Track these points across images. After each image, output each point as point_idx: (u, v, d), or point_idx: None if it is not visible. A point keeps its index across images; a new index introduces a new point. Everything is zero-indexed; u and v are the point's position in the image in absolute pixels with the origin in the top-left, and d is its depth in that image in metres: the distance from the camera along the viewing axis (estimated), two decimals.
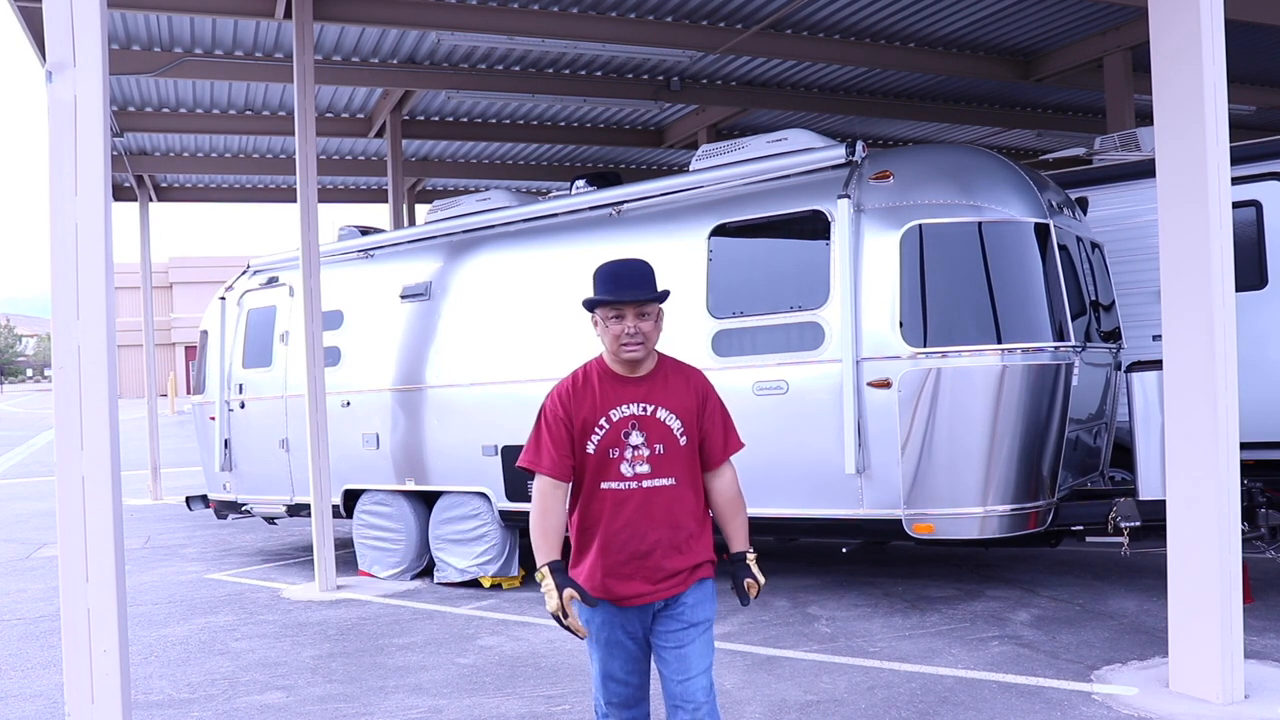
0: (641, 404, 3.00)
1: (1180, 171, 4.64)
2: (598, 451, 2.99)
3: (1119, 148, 7.96)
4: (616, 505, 2.97)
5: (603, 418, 2.99)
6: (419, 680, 5.38)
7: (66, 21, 3.10)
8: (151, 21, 9.52)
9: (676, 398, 3.02)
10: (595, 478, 3.00)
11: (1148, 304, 7.26)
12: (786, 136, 6.66)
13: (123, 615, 3.17)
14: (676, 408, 3.01)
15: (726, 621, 6.36)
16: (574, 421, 3.00)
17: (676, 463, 2.99)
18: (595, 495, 3.00)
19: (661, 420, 2.99)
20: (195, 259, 55.66)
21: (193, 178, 16.37)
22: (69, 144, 3.10)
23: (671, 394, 3.02)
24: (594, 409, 3.00)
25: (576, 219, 7.39)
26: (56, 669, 5.72)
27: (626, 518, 2.97)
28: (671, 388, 3.04)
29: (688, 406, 3.02)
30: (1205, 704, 4.47)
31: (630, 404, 3.00)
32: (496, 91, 11.65)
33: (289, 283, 8.87)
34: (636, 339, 2.95)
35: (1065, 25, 10.75)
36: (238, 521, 11.36)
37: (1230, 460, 4.57)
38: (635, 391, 3.01)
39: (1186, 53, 4.59)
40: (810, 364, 6.07)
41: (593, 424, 2.99)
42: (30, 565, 9.34)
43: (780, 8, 9.69)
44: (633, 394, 3.01)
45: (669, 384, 3.04)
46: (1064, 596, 6.60)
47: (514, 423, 7.30)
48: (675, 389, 3.04)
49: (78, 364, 3.10)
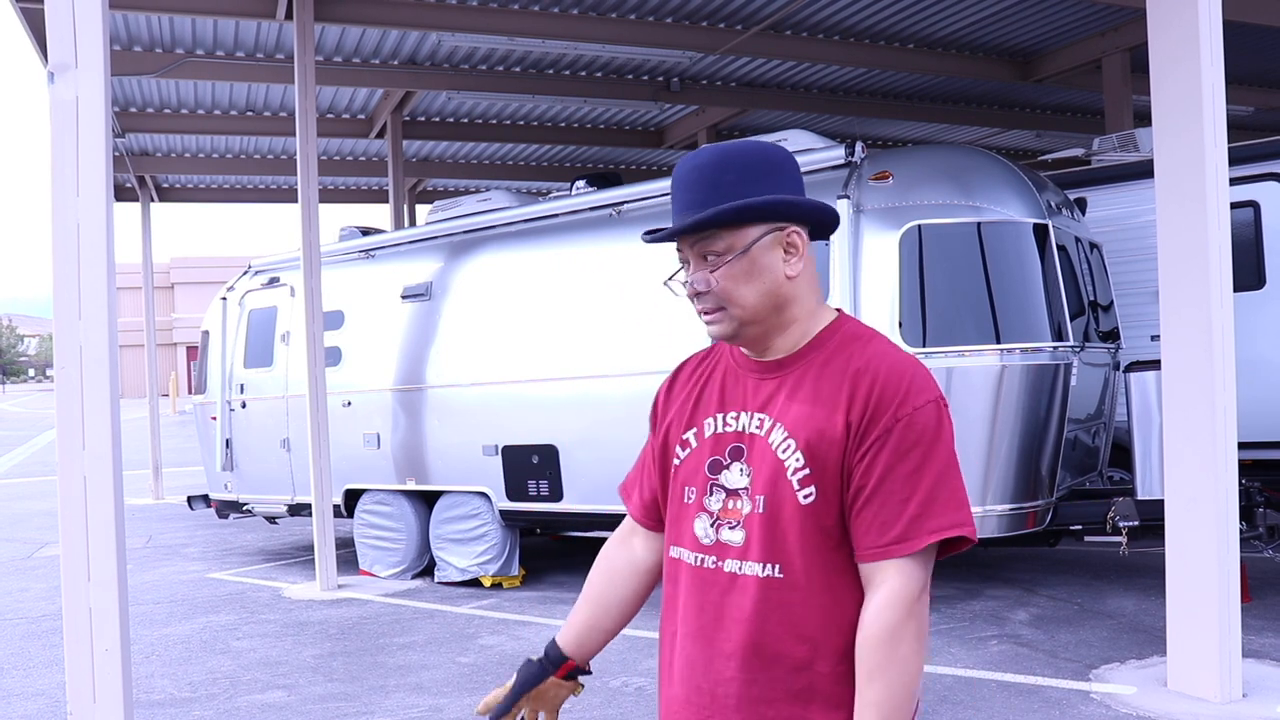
0: (758, 413, 1.57)
1: (1178, 172, 4.65)
2: (673, 489, 1.67)
3: (1117, 148, 7.97)
4: (681, 592, 1.63)
5: (691, 429, 1.65)
6: (420, 679, 5.40)
7: (68, 22, 3.11)
8: (153, 22, 9.53)
9: (812, 406, 1.51)
10: (669, 534, 1.68)
11: (1146, 304, 7.27)
12: (786, 137, 6.67)
13: (124, 614, 3.18)
14: (804, 427, 1.50)
15: None
16: (659, 428, 1.73)
17: (788, 535, 1.49)
18: (668, 565, 1.69)
19: (774, 449, 1.53)
20: (196, 259, 55.67)
21: (194, 178, 16.38)
22: (71, 144, 3.11)
23: (808, 398, 1.52)
24: (683, 411, 1.68)
25: (577, 219, 7.40)
26: (58, 668, 5.73)
27: (691, 621, 1.61)
28: (819, 386, 1.53)
29: (827, 426, 1.48)
30: (1203, 703, 4.48)
31: (739, 411, 1.60)
32: (497, 92, 11.66)
33: (290, 283, 8.89)
34: (705, 302, 1.59)
35: (1064, 26, 10.75)
36: (239, 521, 11.38)
37: (1228, 460, 4.58)
38: (757, 391, 1.60)
39: (1185, 54, 4.61)
40: None
41: (676, 438, 1.68)
42: (32, 564, 9.36)
43: (780, 8, 9.70)
44: (752, 394, 1.60)
45: (820, 379, 1.53)
46: (1063, 596, 6.61)
47: (514, 423, 7.33)
48: (824, 388, 1.52)
49: (79, 364, 3.11)
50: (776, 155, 1.57)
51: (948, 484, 1.46)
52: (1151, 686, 4.75)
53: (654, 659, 5.59)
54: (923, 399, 1.48)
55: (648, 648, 5.81)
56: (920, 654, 1.44)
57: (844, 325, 1.59)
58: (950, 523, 1.45)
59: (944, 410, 1.50)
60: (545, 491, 7.21)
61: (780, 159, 1.57)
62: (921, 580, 1.46)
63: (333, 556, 7.78)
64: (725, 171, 1.54)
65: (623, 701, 4.90)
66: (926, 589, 1.47)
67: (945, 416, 1.50)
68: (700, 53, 10.44)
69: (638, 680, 5.22)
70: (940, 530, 1.44)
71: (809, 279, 1.59)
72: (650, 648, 5.82)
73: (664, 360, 6.63)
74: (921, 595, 1.46)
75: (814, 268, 1.61)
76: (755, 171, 1.54)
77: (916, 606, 1.44)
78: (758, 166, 1.54)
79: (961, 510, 1.47)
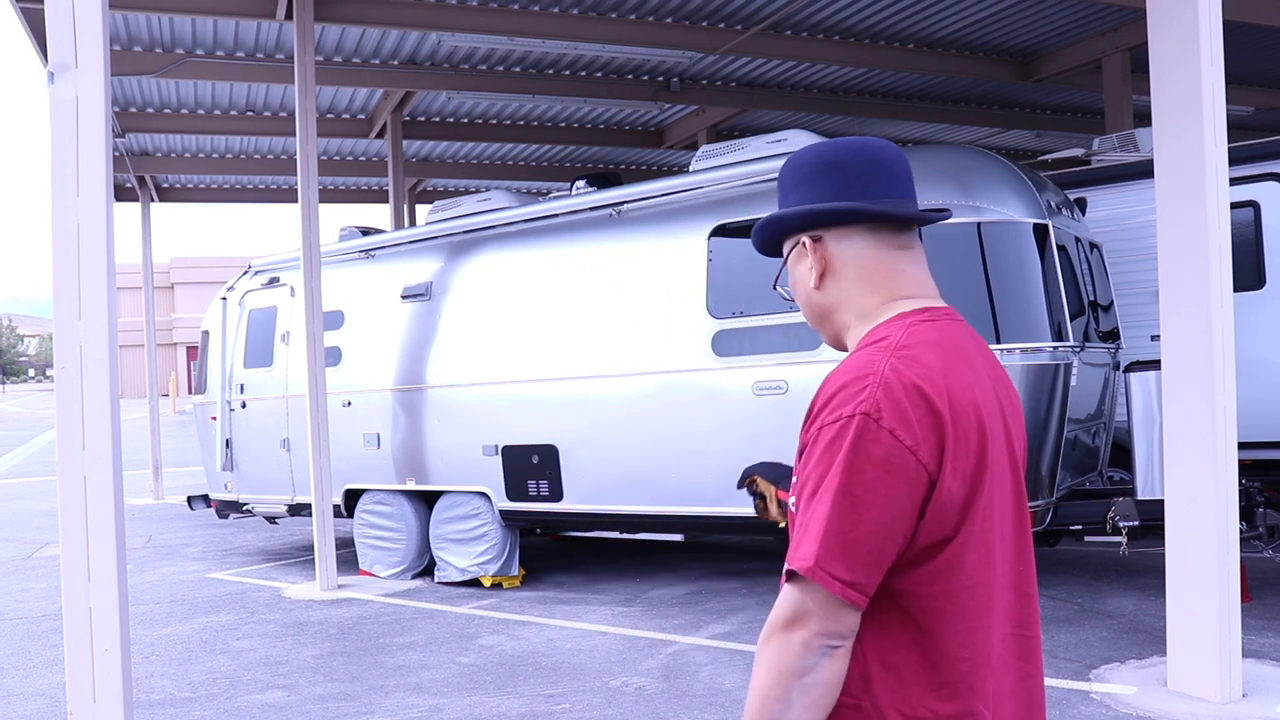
0: None
1: (1178, 172, 4.65)
2: None
3: (1117, 148, 7.97)
4: None
5: None
6: (420, 679, 5.40)
7: (68, 22, 3.11)
8: (153, 22, 9.54)
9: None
10: None
11: (1146, 304, 7.27)
12: (786, 137, 6.68)
13: (124, 614, 3.18)
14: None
15: (726, 621, 6.37)
16: None
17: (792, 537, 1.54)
18: None
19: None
20: (197, 259, 55.68)
21: (194, 178, 16.39)
22: (71, 144, 3.11)
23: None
24: None
25: (577, 219, 7.40)
26: (59, 668, 5.73)
27: None
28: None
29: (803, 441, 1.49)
30: (1203, 703, 4.48)
31: None
32: (497, 92, 11.66)
33: (290, 283, 8.89)
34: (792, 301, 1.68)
35: (1064, 26, 10.76)
36: (239, 521, 11.38)
37: (1228, 460, 4.58)
38: None
39: (1184, 53, 4.61)
40: (810, 364, 6.09)
41: None
42: (32, 564, 9.36)
43: (780, 8, 9.70)
44: None
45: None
46: (1062, 596, 6.61)
47: (514, 423, 7.33)
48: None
49: (80, 364, 3.11)
50: (808, 160, 1.55)
51: (817, 514, 1.31)
52: (1151, 686, 4.75)
53: (654, 659, 5.59)
54: (837, 414, 1.34)
55: (648, 648, 5.82)
56: (774, 688, 1.30)
57: (877, 330, 1.48)
58: (799, 555, 1.31)
59: (854, 427, 1.31)
60: (545, 491, 7.22)
61: (810, 163, 1.54)
62: (787, 614, 1.31)
63: (333, 556, 7.78)
64: (778, 187, 1.60)
65: (623, 701, 4.90)
66: (800, 628, 1.30)
67: (853, 434, 1.31)
68: (700, 53, 10.44)
69: (638, 680, 5.22)
70: (793, 561, 1.31)
71: (847, 285, 1.52)
72: (650, 648, 5.83)
73: (664, 360, 6.66)
74: (787, 630, 1.30)
75: (860, 270, 1.51)
76: (788, 183, 1.57)
77: (776, 639, 1.31)
78: (790, 177, 1.57)
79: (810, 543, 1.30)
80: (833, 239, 1.51)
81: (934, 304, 1.50)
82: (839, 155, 1.52)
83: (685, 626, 6.27)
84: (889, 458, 1.30)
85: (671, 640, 5.96)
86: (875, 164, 1.52)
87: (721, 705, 4.79)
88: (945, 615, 1.35)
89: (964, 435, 1.35)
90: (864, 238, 1.50)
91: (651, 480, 6.75)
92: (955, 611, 1.35)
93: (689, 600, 7.00)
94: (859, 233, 1.50)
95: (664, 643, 5.92)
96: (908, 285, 1.51)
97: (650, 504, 6.80)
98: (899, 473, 1.30)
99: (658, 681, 5.19)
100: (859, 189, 1.50)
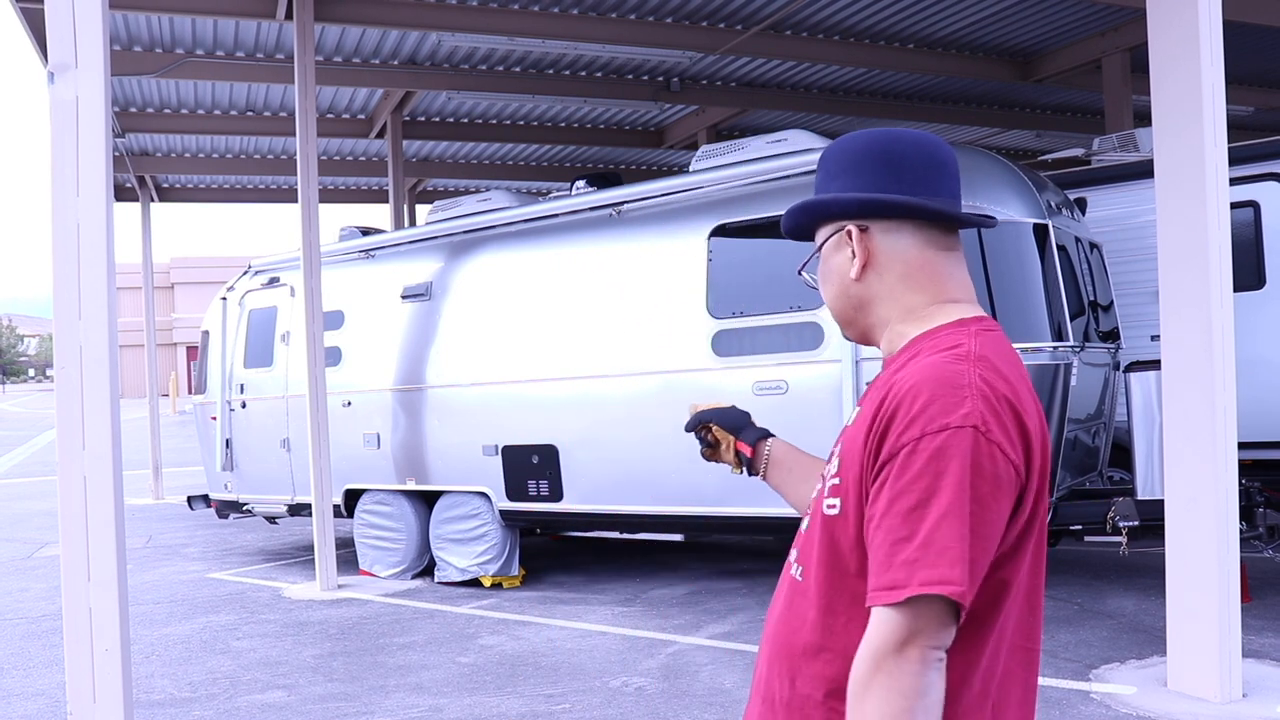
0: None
1: (1178, 172, 4.66)
2: None
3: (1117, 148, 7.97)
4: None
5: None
6: (420, 679, 5.40)
7: (68, 22, 3.11)
8: (153, 22, 9.54)
9: (863, 413, 1.44)
10: None
11: (1146, 304, 7.27)
12: (786, 137, 6.68)
13: (124, 614, 3.18)
14: (848, 434, 1.46)
15: (726, 621, 6.37)
16: None
17: (814, 541, 1.46)
18: None
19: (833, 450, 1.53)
20: (197, 259, 55.68)
21: (194, 178, 16.39)
22: (71, 144, 3.11)
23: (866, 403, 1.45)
24: None
25: (577, 219, 7.40)
26: (59, 668, 5.73)
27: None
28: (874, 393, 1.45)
29: (856, 438, 1.41)
30: (1203, 703, 4.49)
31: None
32: (497, 92, 11.66)
33: (290, 283, 8.89)
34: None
35: (1064, 26, 10.76)
36: (239, 521, 11.38)
37: (1228, 460, 4.58)
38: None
39: (1184, 53, 4.61)
40: (810, 364, 6.09)
41: None
42: (32, 564, 9.36)
43: (780, 8, 9.70)
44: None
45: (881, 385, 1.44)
46: (1062, 596, 6.61)
47: (514, 423, 7.33)
48: (874, 396, 1.43)
49: (79, 364, 3.11)
50: (860, 146, 1.49)
51: (943, 531, 1.24)
52: (1151, 686, 4.75)
53: (654, 659, 5.59)
54: (936, 425, 1.27)
55: (648, 647, 5.82)
56: (902, 715, 1.24)
57: (939, 333, 1.42)
58: (935, 578, 1.24)
59: (964, 440, 1.26)
60: (545, 491, 7.22)
61: (862, 150, 1.48)
62: (901, 634, 1.25)
63: (333, 556, 7.78)
64: (819, 169, 1.54)
65: (623, 701, 4.90)
66: (914, 645, 1.25)
67: (963, 448, 1.26)
68: (700, 53, 10.44)
69: (638, 680, 5.22)
70: (926, 584, 1.24)
71: (891, 281, 1.47)
72: (650, 647, 5.82)
73: (664, 360, 6.66)
74: (901, 651, 1.25)
75: (905, 267, 1.46)
76: (835, 166, 1.51)
77: (890, 663, 1.25)
78: (837, 161, 1.51)
79: (950, 566, 1.24)
80: (880, 231, 1.46)
81: (982, 313, 1.47)
82: (894, 146, 1.47)
83: (685, 626, 6.27)
84: (999, 473, 1.27)
85: (671, 640, 5.96)
86: (930, 160, 1.47)
87: (721, 705, 4.79)
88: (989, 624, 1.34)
89: (1037, 451, 1.35)
90: (913, 234, 1.46)
91: (651, 480, 6.75)
92: (996, 620, 1.34)
93: (689, 600, 7.00)
94: (909, 228, 1.46)
95: (664, 643, 5.92)
96: (953, 288, 1.47)
97: (650, 504, 6.80)
98: (1005, 487, 1.28)
99: (658, 681, 5.19)
100: (910, 183, 1.45)
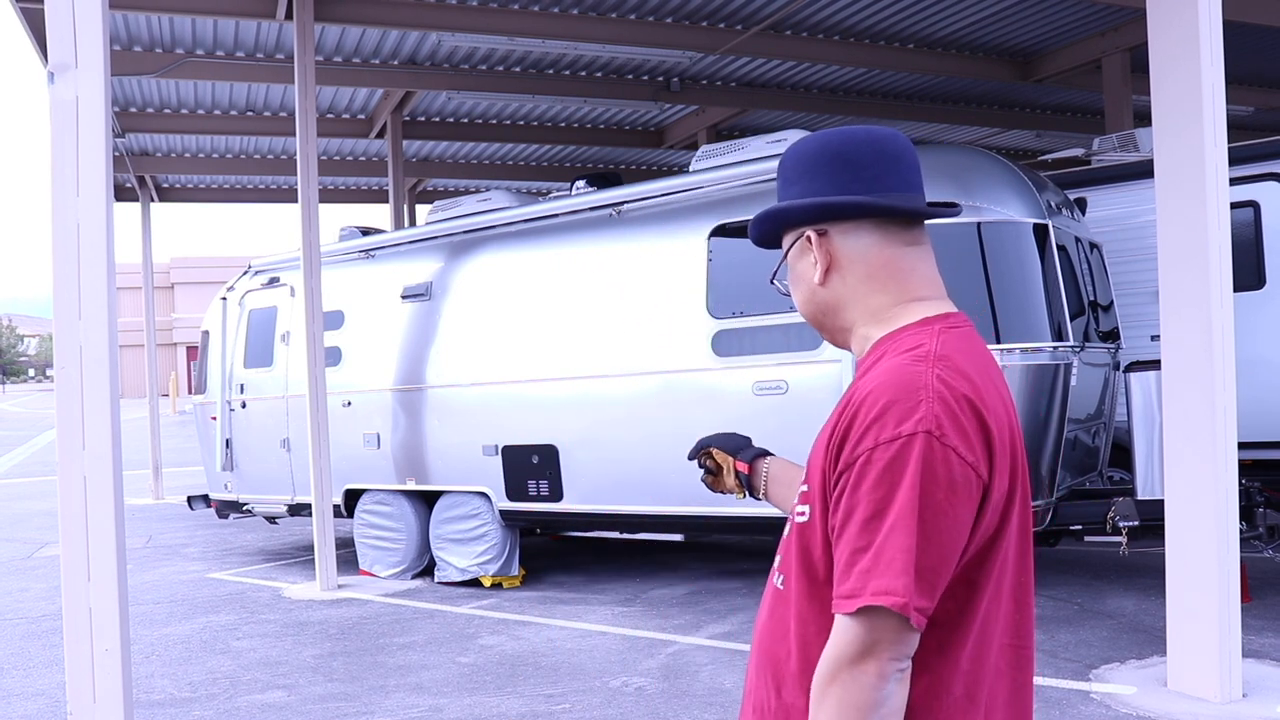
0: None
1: (1178, 172, 4.66)
2: None
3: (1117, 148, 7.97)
4: None
5: None
6: (420, 679, 5.40)
7: (68, 22, 3.11)
8: (153, 22, 9.54)
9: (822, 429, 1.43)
10: None
11: (1146, 304, 7.27)
12: (786, 137, 6.68)
13: (124, 614, 3.18)
14: (812, 450, 1.44)
15: (726, 621, 6.38)
16: None
17: (791, 549, 1.45)
18: None
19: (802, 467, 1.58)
20: (196, 259, 55.68)
21: (194, 178, 16.39)
22: (71, 144, 3.11)
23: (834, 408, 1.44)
24: None
25: (577, 219, 7.40)
26: (59, 668, 5.73)
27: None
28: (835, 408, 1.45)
29: (820, 445, 1.40)
30: (1203, 703, 4.49)
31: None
32: (497, 92, 11.66)
33: (290, 283, 8.89)
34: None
35: (1064, 26, 10.76)
36: (239, 521, 11.38)
37: (1228, 460, 4.58)
38: None
39: (1184, 53, 4.61)
40: (810, 364, 6.09)
41: None
42: (32, 564, 9.36)
43: (780, 8, 9.70)
44: None
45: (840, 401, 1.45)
46: (1062, 596, 6.61)
47: (514, 423, 7.33)
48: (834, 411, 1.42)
49: (79, 364, 3.11)
50: (813, 150, 1.47)
51: (891, 542, 1.22)
52: (1151, 686, 4.75)
53: (654, 659, 5.59)
54: (888, 434, 1.25)
55: (648, 648, 5.82)
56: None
57: (902, 334, 1.40)
58: (883, 588, 1.21)
59: (917, 448, 1.23)
60: (545, 491, 7.22)
61: (815, 153, 1.46)
62: (858, 645, 1.23)
63: (333, 556, 7.78)
64: (778, 176, 1.53)
65: (623, 701, 4.90)
66: (872, 658, 1.23)
67: (917, 455, 1.23)
68: (700, 53, 10.44)
69: (638, 680, 5.22)
70: (876, 595, 1.21)
71: (854, 283, 1.45)
72: (650, 647, 5.83)
73: (664, 360, 6.66)
74: (858, 664, 1.23)
75: (868, 267, 1.44)
76: (791, 173, 1.49)
77: (845, 675, 1.24)
78: (793, 167, 1.49)
79: (895, 577, 1.21)
80: (839, 233, 1.44)
81: (950, 308, 1.44)
82: (846, 145, 1.45)
83: (685, 626, 6.27)
84: (955, 477, 1.24)
85: (671, 640, 5.96)
86: (884, 155, 1.44)
87: (721, 705, 4.79)
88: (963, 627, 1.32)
89: (1004, 449, 1.31)
90: (872, 233, 1.43)
91: (651, 480, 6.75)
92: (970, 623, 1.32)
93: (689, 600, 7.00)
94: (867, 227, 1.43)
95: (664, 643, 5.92)
96: (919, 285, 1.44)
97: (650, 504, 6.80)
98: (963, 491, 1.25)
99: (658, 681, 5.19)
100: (867, 181, 1.43)
